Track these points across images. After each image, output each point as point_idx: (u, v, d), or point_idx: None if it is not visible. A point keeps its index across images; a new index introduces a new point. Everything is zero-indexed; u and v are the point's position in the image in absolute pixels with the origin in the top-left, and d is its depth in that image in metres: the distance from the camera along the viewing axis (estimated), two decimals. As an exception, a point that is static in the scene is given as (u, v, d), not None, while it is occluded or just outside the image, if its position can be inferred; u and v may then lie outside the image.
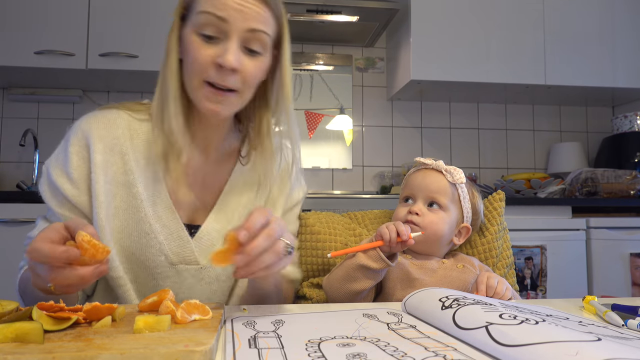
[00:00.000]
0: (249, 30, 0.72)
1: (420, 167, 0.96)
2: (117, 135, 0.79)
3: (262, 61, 0.76)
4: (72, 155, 0.78)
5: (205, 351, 0.41)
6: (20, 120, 2.41)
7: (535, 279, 2.03)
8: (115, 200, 0.78)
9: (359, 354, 0.42)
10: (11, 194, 1.90)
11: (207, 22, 0.72)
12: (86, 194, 0.78)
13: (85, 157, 0.78)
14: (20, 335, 0.42)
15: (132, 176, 0.79)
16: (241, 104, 0.78)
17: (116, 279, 0.79)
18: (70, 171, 0.77)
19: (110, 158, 0.78)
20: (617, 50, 2.43)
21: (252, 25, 0.72)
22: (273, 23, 0.76)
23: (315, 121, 2.65)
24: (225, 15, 0.71)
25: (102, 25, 2.12)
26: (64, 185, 0.77)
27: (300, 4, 2.21)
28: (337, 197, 2.28)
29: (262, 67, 0.77)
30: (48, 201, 0.78)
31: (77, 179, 0.77)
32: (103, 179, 0.77)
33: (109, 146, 0.79)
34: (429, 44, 2.30)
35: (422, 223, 0.88)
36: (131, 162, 0.79)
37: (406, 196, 0.94)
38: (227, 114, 0.78)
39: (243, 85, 0.75)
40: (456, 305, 0.53)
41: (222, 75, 0.72)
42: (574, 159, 2.64)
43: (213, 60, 0.72)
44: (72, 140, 0.79)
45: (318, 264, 0.99)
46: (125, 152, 0.79)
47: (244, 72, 0.74)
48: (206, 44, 0.72)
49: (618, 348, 0.39)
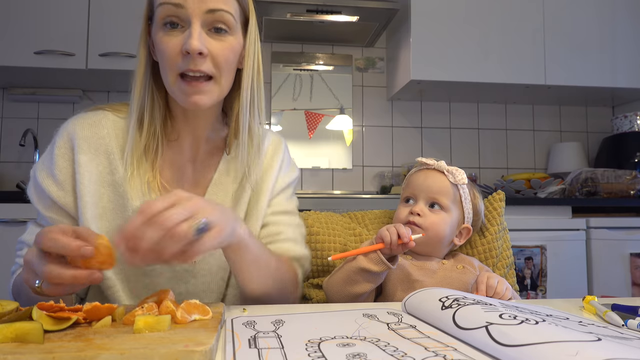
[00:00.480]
0: (208, 11, 0.72)
1: (422, 167, 0.96)
2: (103, 135, 0.79)
3: (230, 42, 0.75)
4: (58, 157, 0.78)
5: (205, 351, 0.41)
6: (20, 120, 2.41)
7: (535, 279, 2.03)
8: (102, 200, 0.78)
9: (359, 354, 0.42)
10: (11, 194, 1.91)
11: (166, 13, 0.72)
12: (72, 195, 0.77)
13: (70, 158, 0.78)
14: (20, 335, 0.42)
15: (118, 175, 0.78)
16: (220, 90, 0.77)
17: (105, 280, 0.79)
18: (56, 173, 0.77)
19: (96, 158, 0.78)
20: (617, 50, 2.43)
21: (209, 5, 0.72)
22: (234, 3, 0.75)
23: (315, 121, 2.65)
24: (181, 1, 0.71)
25: (102, 25, 2.12)
26: (50, 187, 0.77)
27: (300, 4, 2.21)
28: (337, 197, 2.28)
29: (231, 47, 0.75)
30: (36, 204, 0.79)
31: (63, 180, 0.77)
32: (88, 178, 0.77)
33: (94, 146, 0.78)
34: (429, 44, 2.30)
35: (424, 224, 0.88)
36: (117, 161, 0.79)
37: (407, 196, 0.94)
38: (208, 103, 0.76)
39: (216, 69, 0.74)
40: (456, 305, 0.53)
41: (192, 61, 0.72)
42: (574, 159, 2.64)
43: (180, 49, 0.72)
44: (58, 143, 0.79)
45: (318, 264, 0.99)
46: (111, 151, 0.79)
47: (213, 53, 0.73)
48: (171, 36, 0.72)
49: (618, 348, 0.39)
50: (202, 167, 0.86)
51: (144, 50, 0.78)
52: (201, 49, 0.71)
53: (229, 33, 0.75)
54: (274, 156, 0.90)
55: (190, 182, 0.85)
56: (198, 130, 0.84)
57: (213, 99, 0.77)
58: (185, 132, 0.83)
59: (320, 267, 0.99)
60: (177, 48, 0.72)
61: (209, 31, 0.73)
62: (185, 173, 0.85)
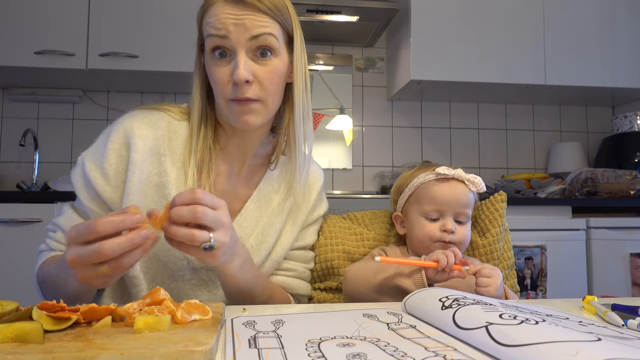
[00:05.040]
0: (251, 38, 0.74)
1: (440, 177, 0.91)
2: (157, 136, 0.82)
3: (274, 64, 0.78)
4: (111, 152, 0.79)
5: (205, 351, 0.41)
6: (20, 120, 2.41)
7: (535, 279, 2.03)
8: (145, 200, 0.79)
9: (359, 354, 0.42)
10: (11, 194, 1.90)
11: (214, 44, 0.76)
12: (118, 191, 0.79)
13: (124, 156, 0.79)
14: (20, 335, 0.42)
15: (166, 178, 0.80)
16: (267, 111, 0.80)
17: (132, 278, 0.80)
18: (106, 167, 0.79)
19: (148, 158, 0.80)
20: (617, 50, 2.43)
21: (252, 32, 0.74)
22: (276, 25, 0.77)
23: (315, 121, 2.65)
24: (225, 33, 0.74)
25: (102, 25, 2.12)
26: (97, 180, 0.78)
27: (300, 4, 2.21)
28: (337, 197, 2.28)
29: (276, 70, 0.78)
30: (79, 192, 0.80)
31: (112, 176, 0.79)
32: (138, 177, 0.79)
33: (149, 146, 0.81)
34: (429, 44, 2.30)
35: (456, 240, 0.88)
36: (167, 164, 0.81)
37: (433, 211, 0.90)
38: (257, 122, 0.79)
39: (262, 92, 0.77)
40: (456, 305, 0.53)
41: (240, 90, 0.75)
42: (574, 159, 2.64)
43: (228, 78, 0.75)
44: (113, 137, 0.80)
45: (317, 269, 0.98)
46: (162, 153, 0.81)
47: (259, 78, 0.76)
48: (220, 66, 0.76)
49: (618, 348, 0.39)
50: (245, 183, 0.89)
51: (198, 75, 0.83)
52: (247, 78, 0.74)
53: (274, 55, 0.78)
54: (312, 186, 0.94)
55: (231, 194, 0.87)
56: (247, 149, 0.87)
57: (261, 119, 0.80)
58: (234, 153, 0.87)
59: (320, 271, 0.98)
60: (226, 78, 0.76)
61: (254, 56, 0.76)
62: (228, 188, 0.87)
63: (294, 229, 0.91)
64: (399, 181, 0.99)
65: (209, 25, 0.75)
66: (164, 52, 2.12)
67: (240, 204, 0.87)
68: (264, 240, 0.86)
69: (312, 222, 0.96)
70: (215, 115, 0.86)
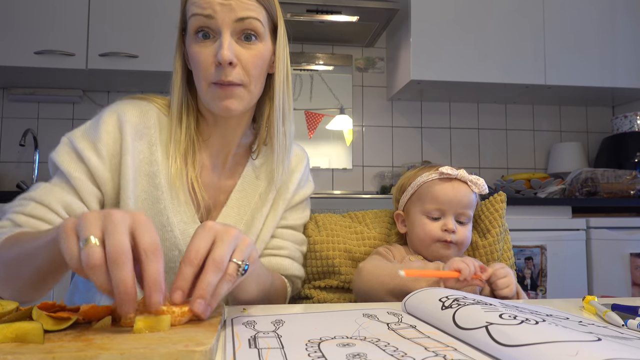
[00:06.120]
0: (237, 20, 0.74)
1: (443, 177, 0.91)
2: (149, 125, 0.81)
3: (259, 49, 0.77)
4: (104, 133, 0.78)
5: (205, 351, 0.41)
6: (20, 120, 2.41)
7: (535, 279, 2.03)
8: (136, 188, 0.79)
9: (359, 354, 0.42)
10: (11, 194, 1.90)
11: (198, 24, 0.74)
12: (109, 171, 0.78)
13: (117, 139, 0.79)
14: (20, 335, 0.42)
15: (157, 167, 0.80)
16: (250, 97, 0.79)
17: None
18: (100, 147, 0.77)
19: (139, 146, 0.80)
20: (617, 50, 2.43)
21: (238, 14, 0.74)
22: (262, 10, 0.77)
23: (315, 121, 2.64)
24: (211, 12, 0.73)
25: (102, 25, 2.12)
26: (91, 157, 0.76)
27: (300, 4, 2.21)
28: (337, 197, 2.28)
29: (260, 55, 0.77)
30: (67, 165, 0.75)
31: (106, 156, 0.78)
32: (131, 163, 0.78)
33: (140, 134, 0.80)
34: (429, 44, 2.30)
35: (457, 239, 0.88)
36: (157, 153, 0.81)
37: (435, 210, 0.90)
38: (239, 108, 0.78)
39: (246, 76, 0.76)
40: (456, 305, 0.53)
41: (223, 72, 0.74)
42: (574, 159, 2.64)
43: (212, 59, 0.74)
44: (106, 120, 0.79)
45: (317, 266, 0.98)
46: (153, 142, 0.81)
47: (243, 62, 0.75)
48: (203, 47, 0.75)
49: (618, 348, 0.39)
50: (230, 172, 0.88)
51: (179, 60, 0.81)
52: (231, 59, 0.73)
53: (258, 40, 0.77)
54: (295, 170, 0.93)
55: (216, 187, 0.87)
56: (230, 140, 0.86)
57: (243, 105, 0.78)
58: (217, 143, 0.86)
59: (320, 268, 0.98)
60: (210, 59, 0.74)
61: (238, 39, 0.75)
62: (212, 179, 0.87)
63: (279, 209, 0.90)
64: (401, 180, 0.99)
65: (194, 5, 0.74)
66: (164, 52, 2.12)
67: (225, 195, 0.87)
68: (253, 224, 0.87)
69: (298, 202, 0.94)
70: (197, 105, 0.84)
